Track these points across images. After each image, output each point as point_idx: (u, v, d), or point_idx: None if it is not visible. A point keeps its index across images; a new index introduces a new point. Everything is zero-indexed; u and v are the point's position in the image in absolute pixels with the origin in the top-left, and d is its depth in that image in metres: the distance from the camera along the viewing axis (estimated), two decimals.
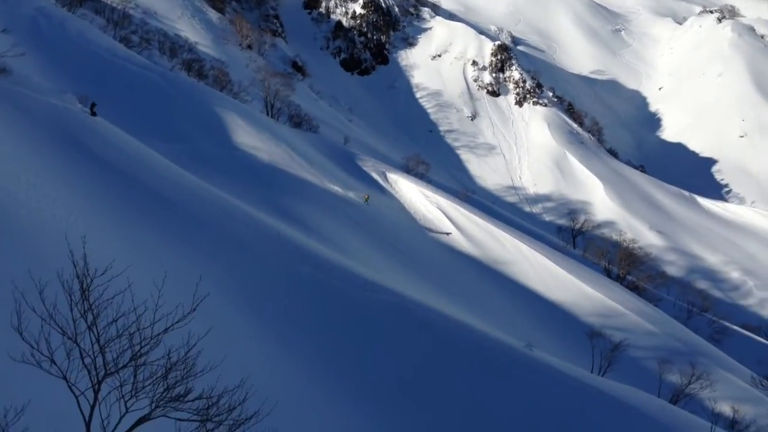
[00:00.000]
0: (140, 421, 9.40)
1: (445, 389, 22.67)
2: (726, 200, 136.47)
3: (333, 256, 31.65)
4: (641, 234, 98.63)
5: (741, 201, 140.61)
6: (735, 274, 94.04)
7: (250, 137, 54.35)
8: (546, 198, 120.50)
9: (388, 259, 46.05)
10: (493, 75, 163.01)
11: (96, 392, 9.18)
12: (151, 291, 10.90)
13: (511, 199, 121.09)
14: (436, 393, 22.19)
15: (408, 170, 79.33)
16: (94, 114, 34.22)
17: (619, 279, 67.58)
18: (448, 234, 57.35)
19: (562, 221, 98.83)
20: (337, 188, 55.16)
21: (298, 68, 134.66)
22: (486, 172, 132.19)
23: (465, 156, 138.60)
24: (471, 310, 39.72)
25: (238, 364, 13.75)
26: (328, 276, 27.92)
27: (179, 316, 10.08)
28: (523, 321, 45.74)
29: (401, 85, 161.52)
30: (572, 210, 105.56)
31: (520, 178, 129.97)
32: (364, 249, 44.53)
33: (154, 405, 9.44)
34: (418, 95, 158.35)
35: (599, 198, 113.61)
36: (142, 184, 27.60)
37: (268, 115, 72.17)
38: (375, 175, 66.74)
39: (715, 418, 34.37)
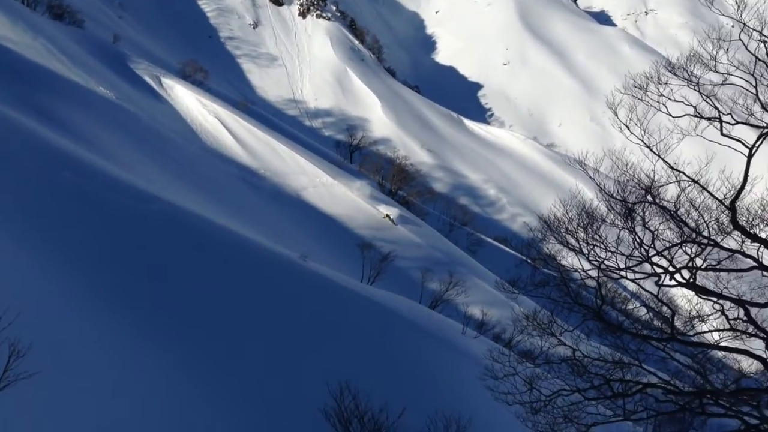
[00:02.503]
0: None
1: (217, 300, 22.56)
2: (488, 123, 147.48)
3: (99, 163, 29.55)
4: (413, 152, 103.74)
5: (501, 124, 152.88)
6: (492, 191, 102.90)
7: (1, 26, 48.09)
8: (326, 113, 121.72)
9: (162, 169, 44.05)
10: None
11: None
12: None
13: (291, 112, 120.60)
14: (207, 304, 22.01)
15: (185, 76, 75.54)
16: None
17: (391, 194, 70.84)
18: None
19: (340, 136, 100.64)
20: (105, 91, 51.11)
21: None
22: (267, 84, 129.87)
23: (246, 65, 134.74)
24: (247, 222, 39.58)
25: None
26: (93, 184, 26.08)
27: None
28: (298, 233, 46.57)
29: None
30: (351, 126, 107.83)
31: (301, 91, 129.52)
32: (135, 157, 42.09)
33: None
34: None
35: (377, 115, 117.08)
36: None
37: (22, 2, 64.07)
38: (148, 80, 62.77)
39: (467, 320, 38.02)
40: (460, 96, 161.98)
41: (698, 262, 13.13)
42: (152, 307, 20.65)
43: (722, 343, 13.67)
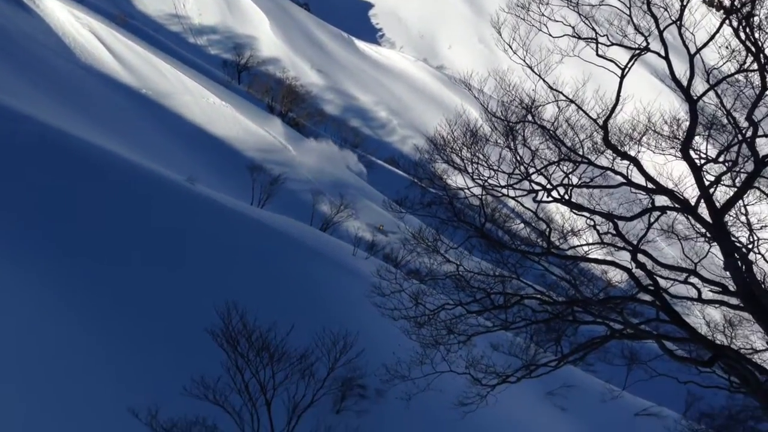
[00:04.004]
0: None
1: (99, 225, 21.73)
2: (379, 44, 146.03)
3: None
4: (303, 72, 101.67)
5: (392, 46, 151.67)
6: (383, 114, 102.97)
7: None
8: (211, 30, 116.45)
9: (33, 86, 41.15)
10: None
11: None
12: None
13: (174, 28, 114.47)
14: (88, 228, 21.17)
15: None
16: None
17: (282, 115, 69.67)
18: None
19: (227, 55, 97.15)
20: None
21: None
22: None
23: None
24: (129, 144, 37.91)
25: None
26: None
27: None
28: (184, 155, 45.16)
29: None
30: (238, 44, 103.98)
31: (184, 6, 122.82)
32: (1, 74, 39.07)
33: None
34: None
35: (265, 34, 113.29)
36: None
37: None
38: None
39: (358, 241, 38.62)
40: (351, 15, 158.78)
41: (573, 179, 13.76)
42: (28, 234, 19.66)
43: (593, 256, 14.55)
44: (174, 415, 13.99)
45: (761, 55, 11.50)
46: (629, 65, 12.46)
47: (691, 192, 12.74)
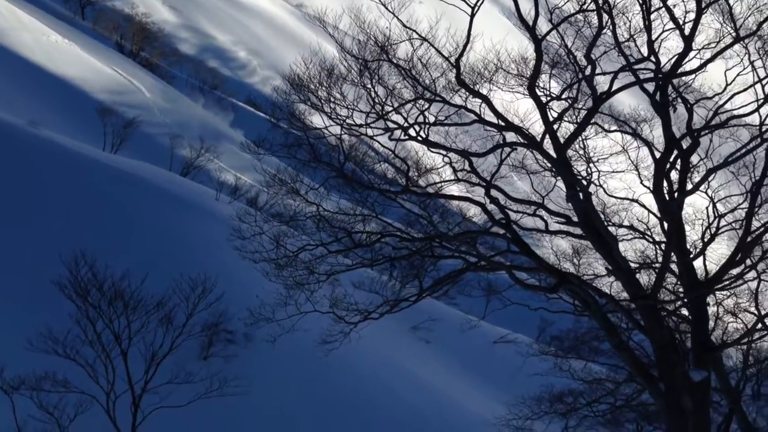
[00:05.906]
0: None
1: None
2: None
3: None
4: (154, 8, 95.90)
5: None
6: (242, 54, 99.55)
7: None
8: None
9: None
10: None
11: None
12: None
13: None
14: None
15: None
16: None
17: (133, 55, 66.09)
18: None
19: None
20: None
21: None
22: None
23: None
24: None
25: None
26: None
27: None
28: (23, 97, 41.87)
29: None
30: None
31: None
32: None
33: None
34: None
35: None
36: None
37: None
38: None
39: (221, 186, 37.75)
40: None
41: (429, 117, 13.96)
42: None
43: (450, 193, 14.98)
44: (21, 372, 13.27)
45: None
46: (479, 4, 12.65)
47: (537, 128, 13.31)
